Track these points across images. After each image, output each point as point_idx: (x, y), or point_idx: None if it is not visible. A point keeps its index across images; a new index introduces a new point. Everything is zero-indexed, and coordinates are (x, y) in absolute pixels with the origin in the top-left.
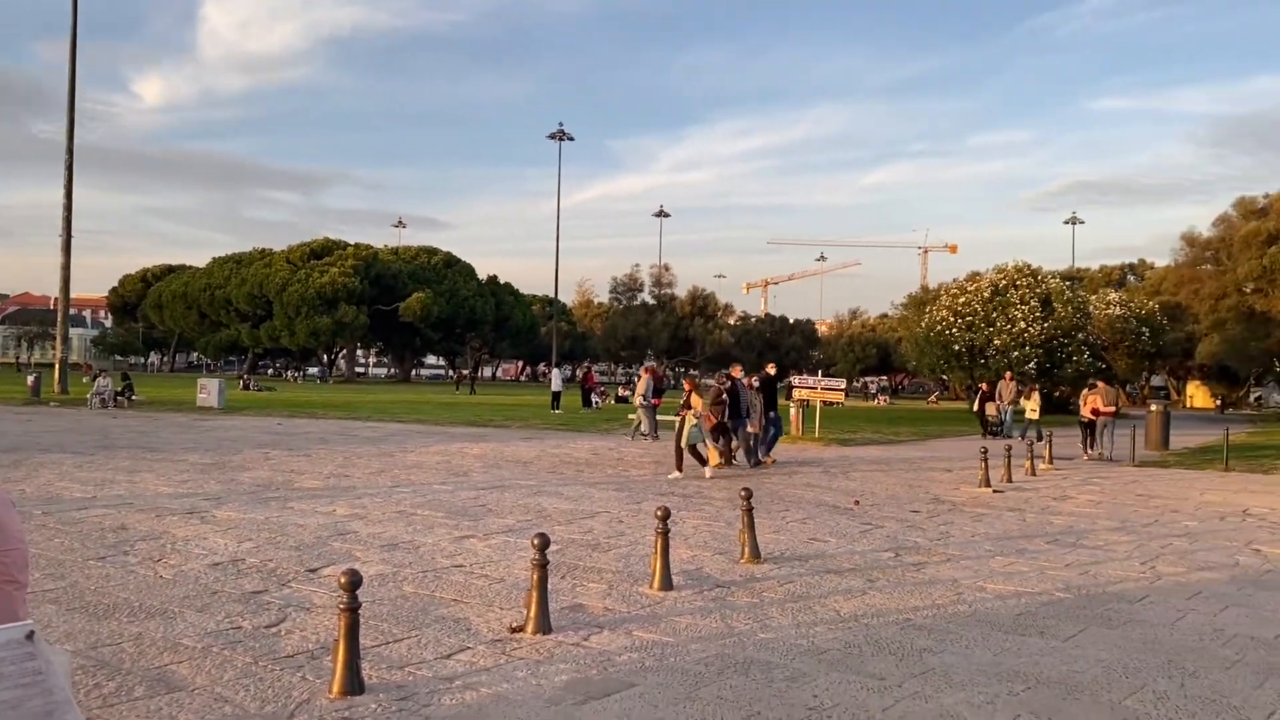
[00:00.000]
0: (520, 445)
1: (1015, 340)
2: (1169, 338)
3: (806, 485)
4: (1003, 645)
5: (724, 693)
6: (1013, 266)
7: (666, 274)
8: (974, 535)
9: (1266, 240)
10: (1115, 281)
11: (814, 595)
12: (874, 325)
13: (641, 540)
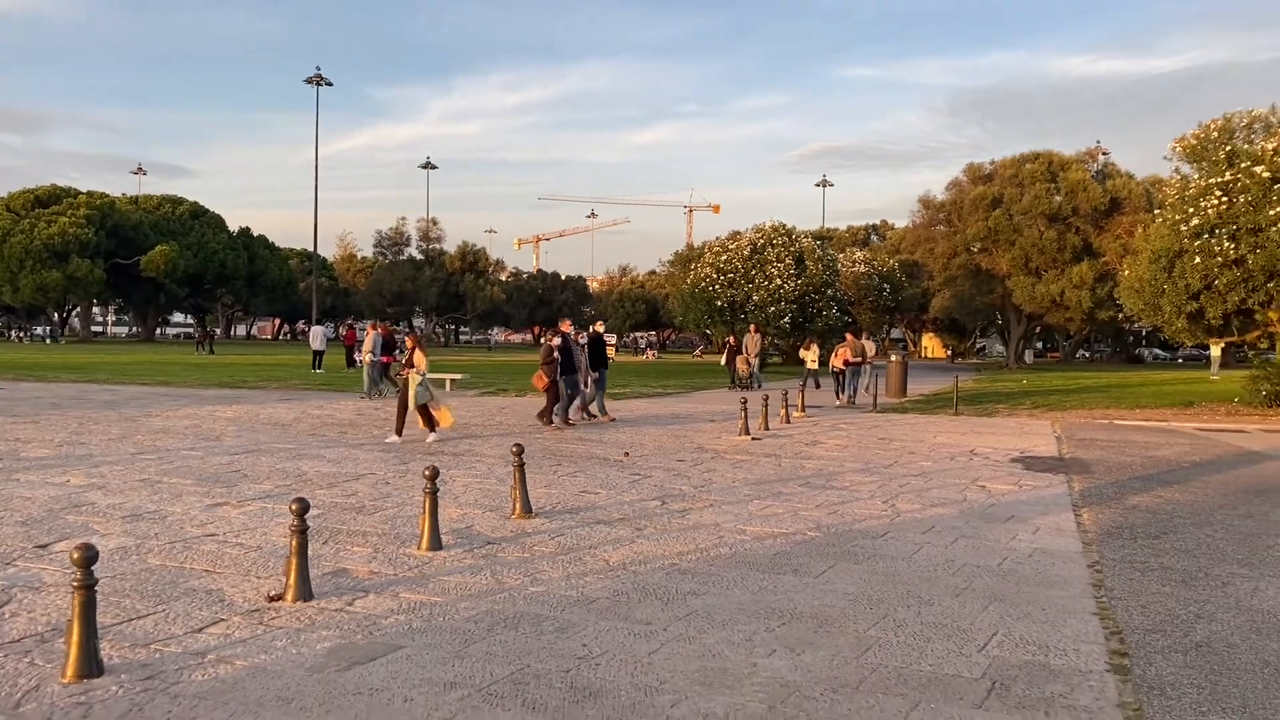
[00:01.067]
0: (278, 407)
1: (772, 296)
2: (907, 293)
3: (578, 439)
4: (760, 584)
5: (494, 648)
6: (770, 226)
7: (435, 228)
8: (734, 481)
9: (991, 204)
10: (861, 241)
11: (584, 547)
12: (643, 282)
13: (409, 501)
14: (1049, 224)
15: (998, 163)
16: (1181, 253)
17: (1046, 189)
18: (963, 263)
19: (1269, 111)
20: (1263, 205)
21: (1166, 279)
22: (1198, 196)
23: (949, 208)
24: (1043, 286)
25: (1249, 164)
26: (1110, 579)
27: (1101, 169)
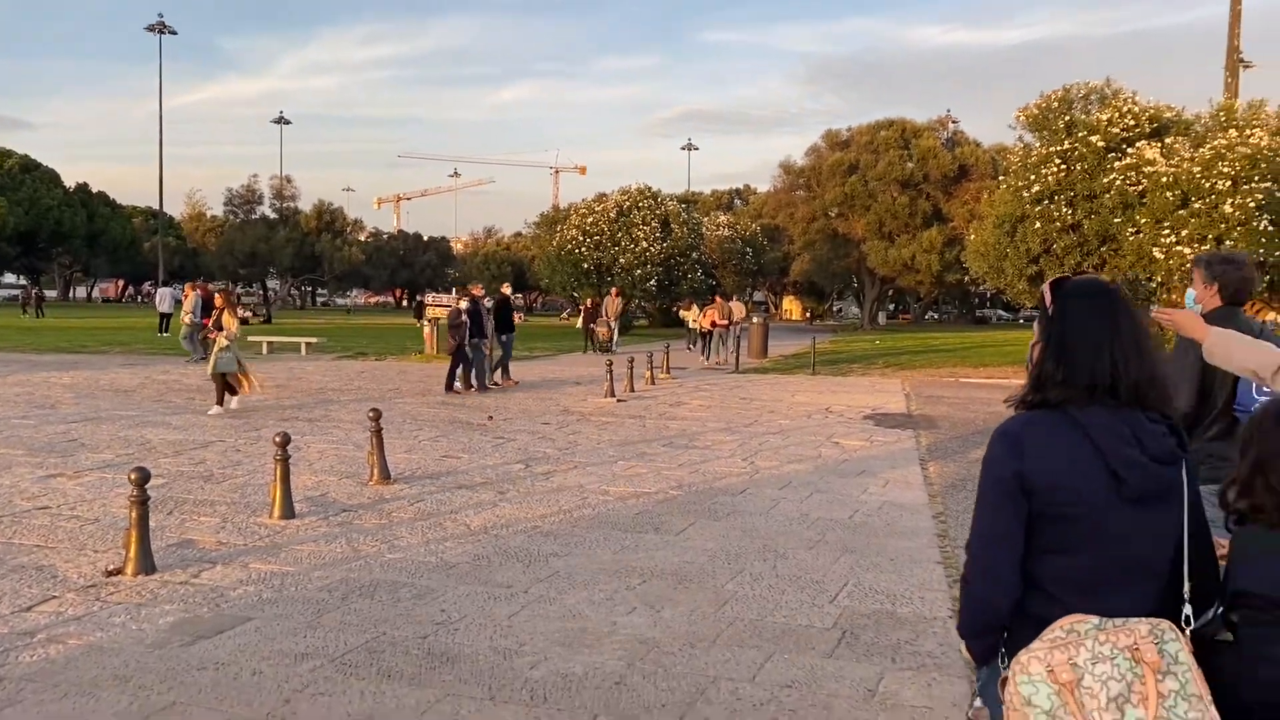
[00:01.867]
0: (121, 373)
1: (638, 259)
2: (769, 257)
3: (441, 404)
4: (622, 544)
5: (348, 617)
6: (635, 189)
7: (289, 186)
8: (599, 443)
9: (848, 170)
10: (725, 205)
11: (444, 512)
12: (508, 244)
13: (261, 469)
14: (902, 190)
15: (854, 130)
16: (1023, 218)
17: (900, 156)
18: (821, 227)
19: (1104, 84)
20: (1097, 173)
21: (1009, 243)
22: (1039, 164)
23: (808, 173)
24: (895, 251)
25: (1086, 133)
26: (954, 529)
27: (951, 137)
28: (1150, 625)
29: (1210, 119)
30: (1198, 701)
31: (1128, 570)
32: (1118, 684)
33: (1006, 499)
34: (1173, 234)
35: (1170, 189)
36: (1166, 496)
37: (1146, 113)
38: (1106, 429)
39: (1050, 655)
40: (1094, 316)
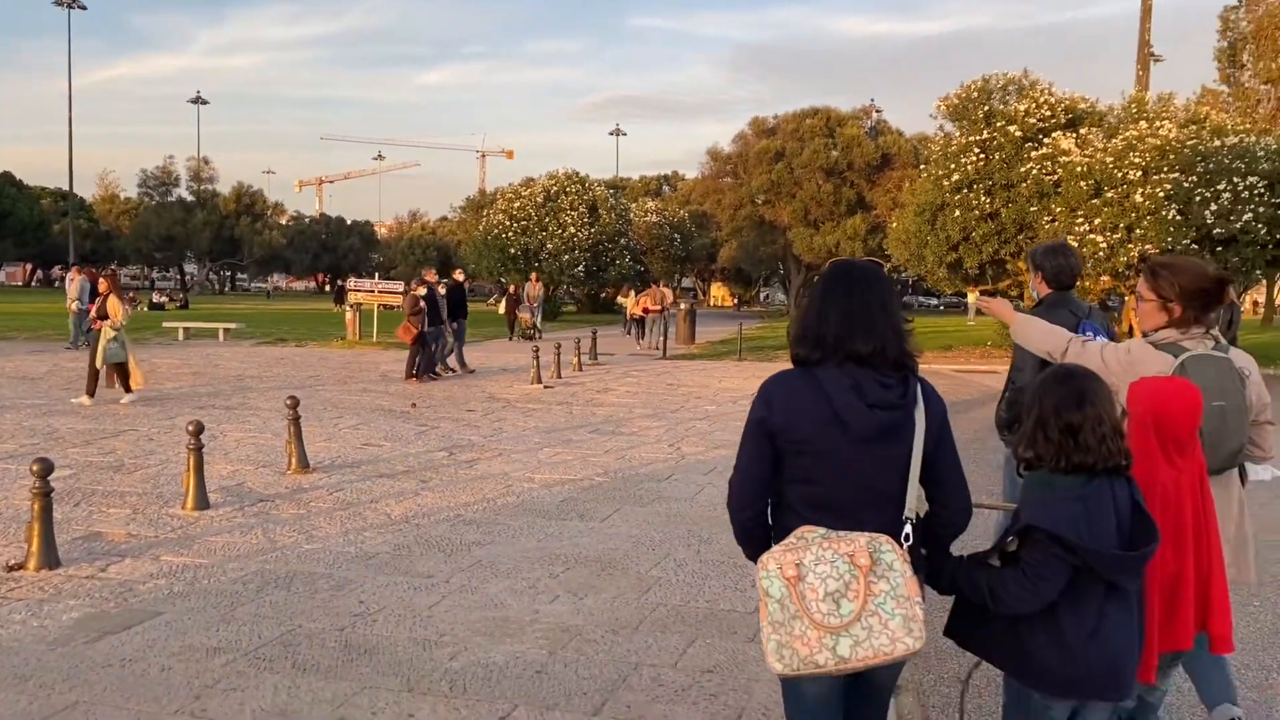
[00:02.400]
0: (27, 359)
1: (566, 244)
2: (697, 243)
3: (363, 391)
4: (546, 531)
5: (263, 610)
6: (563, 174)
7: (207, 168)
8: (525, 429)
9: (774, 157)
10: (653, 191)
11: (364, 501)
12: (434, 228)
13: (174, 459)
14: (827, 178)
15: (780, 117)
16: (943, 206)
17: (825, 144)
18: (748, 214)
19: (1021, 74)
20: (1015, 162)
21: (930, 231)
22: (958, 153)
23: (735, 160)
24: (820, 238)
25: (1004, 123)
26: None
27: (875, 125)
28: (870, 538)
29: (1122, 111)
30: (905, 601)
31: (860, 494)
32: (835, 582)
33: (753, 440)
34: (1086, 222)
35: (1084, 178)
36: (890, 437)
37: (1062, 104)
38: (834, 383)
39: (783, 556)
40: (829, 293)
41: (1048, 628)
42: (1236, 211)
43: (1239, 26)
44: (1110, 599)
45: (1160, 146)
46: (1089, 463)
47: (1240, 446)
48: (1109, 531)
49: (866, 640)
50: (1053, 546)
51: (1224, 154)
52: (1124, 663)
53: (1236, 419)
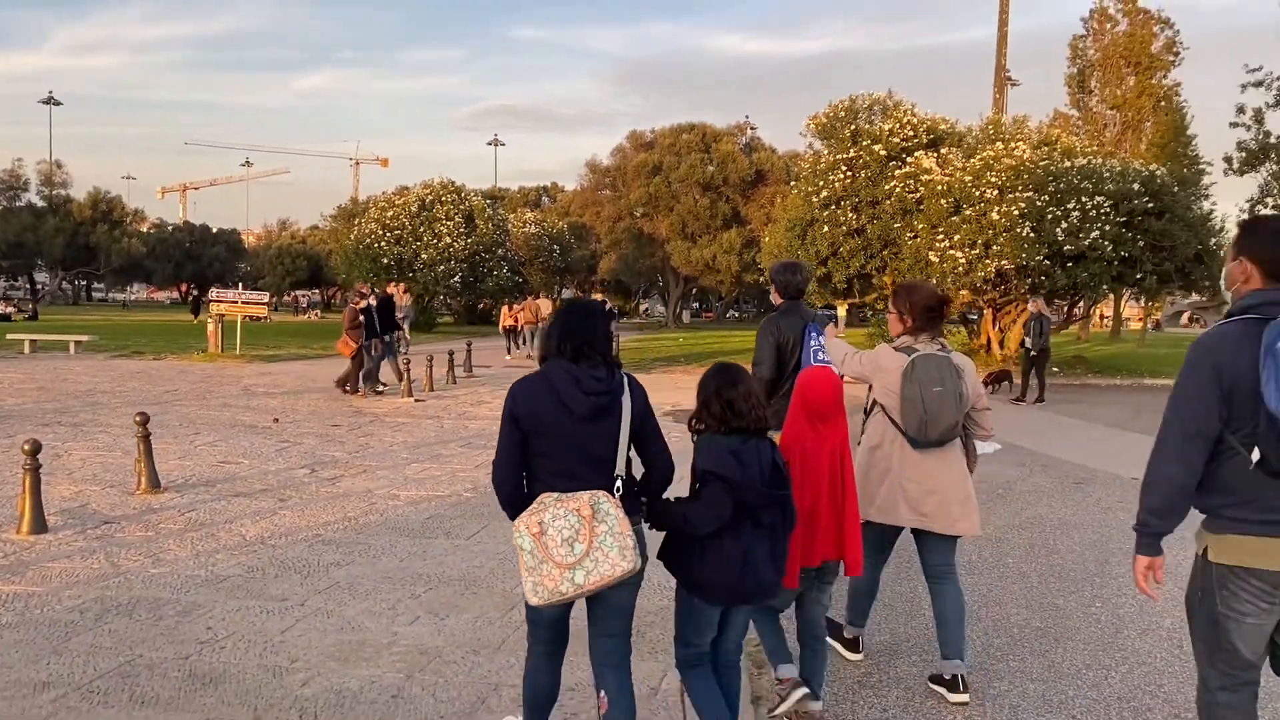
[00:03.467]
0: None
1: (441, 255)
2: (576, 255)
3: (223, 406)
4: (410, 550)
5: (101, 640)
6: (439, 183)
7: (59, 172)
8: (393, 445)
9: (652, 171)
10: (532, 202)
11: (218, 522)
12: (304, 237)
13: (9, 480)
14: (703, 192)
15: (658, 131)
16: (813, 221)
17: (701, 159)
18: (627, 226)
19: (886, 95)
20: (880, 180)
21: (800, 245)
22: (827, 170)
23: (614, 173)
24: (697, 251)
25: (869, 142)
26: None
27: (749, 142)
28: (590, 494)
29: (980, 132)
30: (620, 536)
31: (589, 463)
32: (569, 530)
33: (506, 429)
34: (946, 239)
35: (944, 196)
36: (604, 416)
37: (924, 124)
38: (559, 376)
39: (529, 518)
40: (563, 318)
41: (710, 551)
42: (1085, 229)
43: (1087, 55)
44: (756, 531)
45: (1015, 167)
46: (743, 425)
47: (955, 423)
48: (755, 476)
49: (595, 569)
50: (719, 483)
51: (1073, 175)
52: (764, 579)
53: (952, 402)
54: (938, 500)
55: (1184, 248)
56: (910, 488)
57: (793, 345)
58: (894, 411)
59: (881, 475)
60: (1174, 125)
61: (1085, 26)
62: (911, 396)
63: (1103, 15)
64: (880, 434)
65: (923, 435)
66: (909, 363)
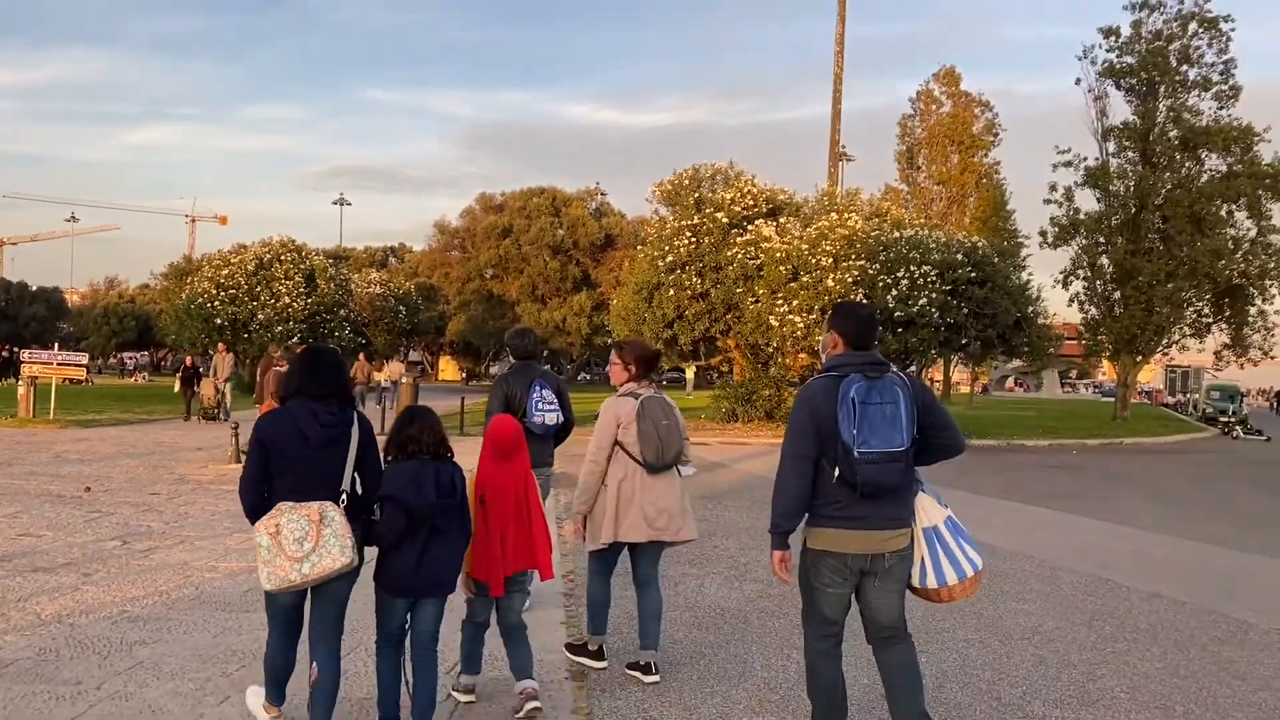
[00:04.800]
0: None
1: (279, 315)
2: (424, 316)
3: (30, 474)
4: (224, 625)
5: None
6: (278, 241)
7: None
8: (215, 514)
9: (502, 233)
10: (379, 262)
11: (10, 600)
12: (134, 296)
13: None
14: (553, 255)
15: (508, 194)
16: (659, 285)
17: (551, 222)
18: (476, 288)
19: (728, 165)
20: (723, 246)
21: (647, 308)
22: (672, 236)
23: (463, 234)
24: (548, 313)
25: (712, 210)
26: (580, 588)
27: (599, 207)
28: (320, 504)
29: (816, 203)
30: (342, 537)
31: (321, 480)
32: (300, 531)
33: (254, 450)
34: (785, 304)
35: (783, 263)
36: (335, 444)
37: (764, 194)
38: (301, 411)
39: (268, 521)
40: (302, 364)
41: (394, 553)
42: (914, 297)
43: (915, 133)
44: (433, 536)
45: (849, 236)
46: (419, 451)
47: (680, 450)
48: (429, 492)
49: (319, 562)
50: (391, 504)
51: (902, 245)
52: (437, 577)
53: (676, 431)
54: (668, 516)
55: (1005, 315)
56: (648, 509)
57: (520, 397)
58: (632, 447)
59: (627, 503)
60: (994, 200)
61: (913, 107)
62: (647, 430)
63: (929, 97)
64: (624, 469)
65: (659, 460)
66: (639, 404)
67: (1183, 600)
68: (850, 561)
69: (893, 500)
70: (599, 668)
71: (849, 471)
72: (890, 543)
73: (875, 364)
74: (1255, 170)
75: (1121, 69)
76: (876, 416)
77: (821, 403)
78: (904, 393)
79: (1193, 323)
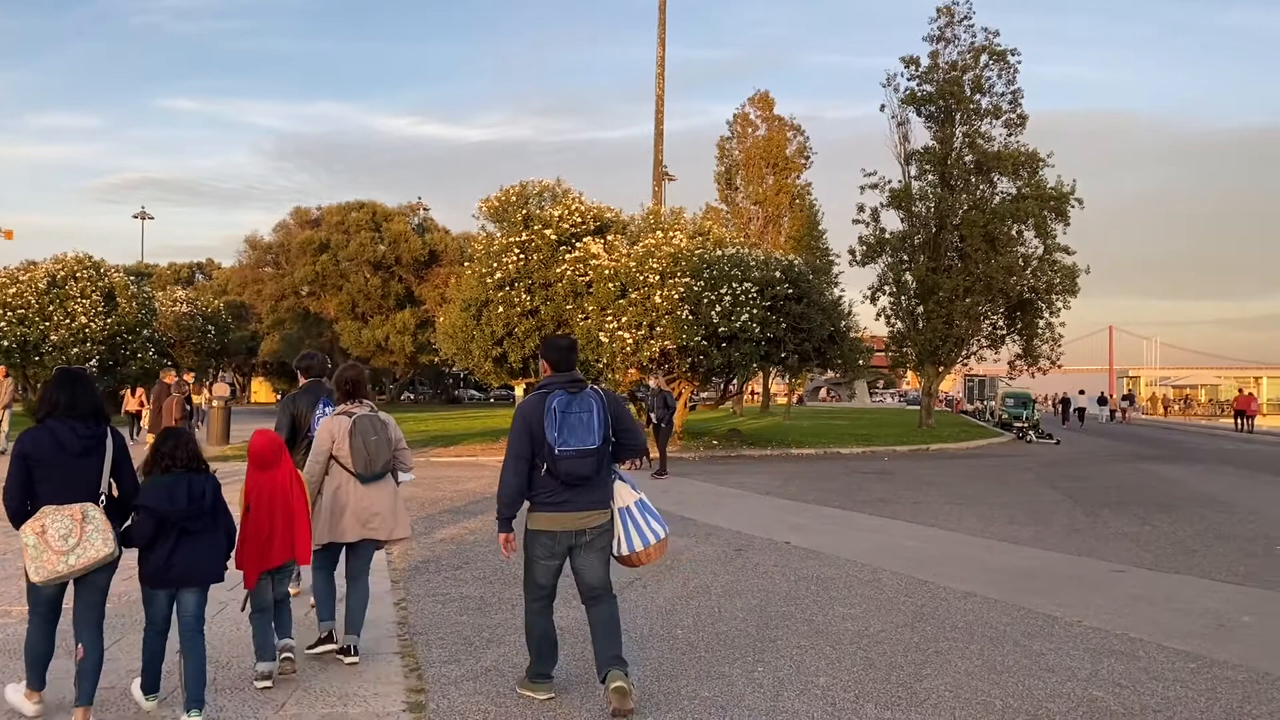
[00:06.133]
0: None
1: (75, 336)
2: (235, 335)
3: None
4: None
5: None
6: (72, 257)
7: None
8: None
9: (319, 249)
10: (185, 279)
11: None
12: None
13: None
14: (374, 271)
15: (325, 209)
16: (488, 302)
17: (371, 238)
18: (291, 305)
19: (555, 183)
20: (552, 263)
21: (475, 326)
22: (500, 252)
23: (277, 250)
24: (369, 331)
25: (540, 227)
26: (414, 615)
27: (422, 222)
28: (82, 505)
29: (642, 221)
30: (103, 532)
31: (81, 485)
32: (64, 529)
33: (15, 464)
34: (615, 320)
35: (611, 280)
36: (91, 454)
37: (591, 212)
38: (60, 427)
39: (33, 523)
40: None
41: (151, 551)
42: (736, 312)
43: (733, 155)
44: (185, 536)
45: (674, 254)
46: (173, 466)
47: (388, 461)
48: (181, 500)
49: (83, 554)
50: (142, 512)
51: (724, 263)
52: (189, 572)
53: (385, 445)
54: (381, 518)
55: (819, 329)
56: (361, 513)
57: (306, 414)
58: (345, 459)
59: (342, 508)
60: (808, 220)
61: (730, 130)
62: (358, 446)
63: (744, 120)
64: (338, 478)
65: (369, 470)
66: (352, 423)
67: (994, 598)
68: (559, 538)
69: (591, 487)
70: (329, 649)
71: (553, 465)
72: (590, 520)
73: (574, 381)
74: (1041, 193)
75: (921, 96)
76: (575, 422)
77: (532, 413)
78: (598, 404)
79: (989, 334)
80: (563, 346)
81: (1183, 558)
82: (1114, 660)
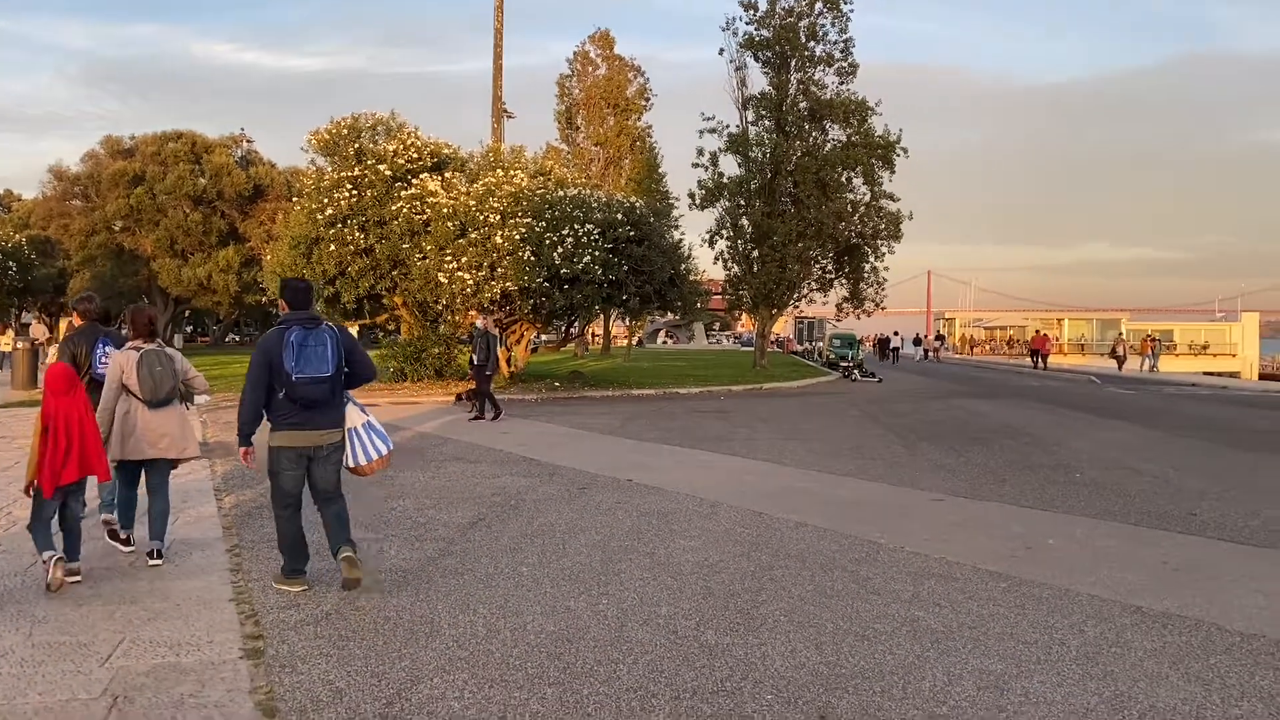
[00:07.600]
0: None
1: None
2: (40, 273)
3: None
4: None
5: None
6: None
7: None
8: None
9: (133, 181)
10: None
11: None
12: None
13: None
14: (194, 206)
15: (139, 139)
16: (318, 240)
17: (191, 170)
18: (103, 241)
19: (390, 116)
20: (387, 200)
21: (305, 264)
22: (331, 188)
23: (86, 181)
24: (189, 270)
25: (374, 162)
26: (248, 561)
27: (246, 155)
28: None
29: (482, 159)
30: None
31: None
32: None
33: None
34: (454, 260)
35: (450, 219)
36: None
37: (428, 148)
38: None
39: None
40: None
41: None
42: (579, 254)
43: (573, 94)
44: None
45: (515, 194)
46: None
47: (174, 388)
48: None
49: None
50: None
51: (567, 204)
52: None
53: (166, 376)
54: (170, 439)
55: (660, 272)
56: (150, 434)
57: (85, 353)
58: (134, 387)
59: (131, 429)
60: (648, 163)
61: (570, 68)
62: (144, 376)
63: (585, 59)
64: (128, 404)
65: (154, 397)
66: (140, 356)
67: (824, 527)
68: (300, 451)
69: (325, 409)
70: (126, 551)
71: (291, 390)
72: (325, 437)
73: (311, 319)
74: (869, 141)
75: (759, 42)
76: (310, 354)
77: (272, 347)
78: (332, 338)
79: (819, 278)
80: (300, 289)
81: (994, 486)
82: (934, 582)
